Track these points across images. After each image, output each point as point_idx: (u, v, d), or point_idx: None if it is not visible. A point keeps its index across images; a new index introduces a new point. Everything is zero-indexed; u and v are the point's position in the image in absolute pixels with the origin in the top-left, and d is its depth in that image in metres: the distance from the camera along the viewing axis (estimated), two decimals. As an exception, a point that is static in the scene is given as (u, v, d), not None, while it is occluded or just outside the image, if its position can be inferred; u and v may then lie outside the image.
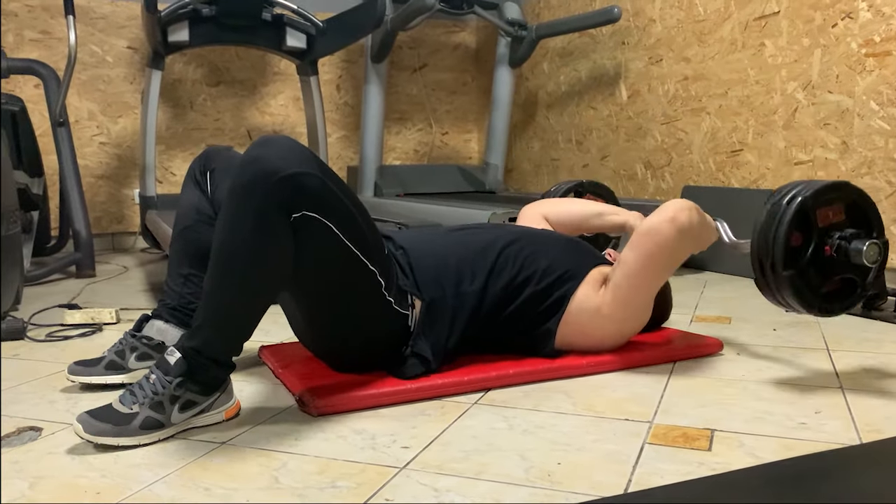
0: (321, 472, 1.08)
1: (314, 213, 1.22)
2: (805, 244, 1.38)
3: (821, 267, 1.39)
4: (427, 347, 1.42)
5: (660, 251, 1.46)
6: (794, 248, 1.37)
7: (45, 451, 1.17)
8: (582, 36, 3.79)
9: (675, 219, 1.45)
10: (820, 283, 1.40)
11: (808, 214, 1.37)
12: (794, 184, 1.42)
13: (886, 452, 1.15)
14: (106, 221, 3.83)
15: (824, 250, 1.39)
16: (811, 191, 1.37)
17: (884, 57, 2.35)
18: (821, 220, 1.38)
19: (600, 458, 1.11)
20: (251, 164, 1.21)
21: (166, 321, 1.52)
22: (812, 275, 1.39)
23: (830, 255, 1.38)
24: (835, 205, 1.39)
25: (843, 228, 1.40)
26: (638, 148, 3.47)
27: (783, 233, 1.35)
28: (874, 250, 1.36)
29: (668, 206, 1.48)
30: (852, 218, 1.41)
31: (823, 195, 1.38)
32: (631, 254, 1.48)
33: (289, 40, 3.33)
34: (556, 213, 1.85)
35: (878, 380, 1.48)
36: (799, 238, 1.37)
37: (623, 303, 1.51)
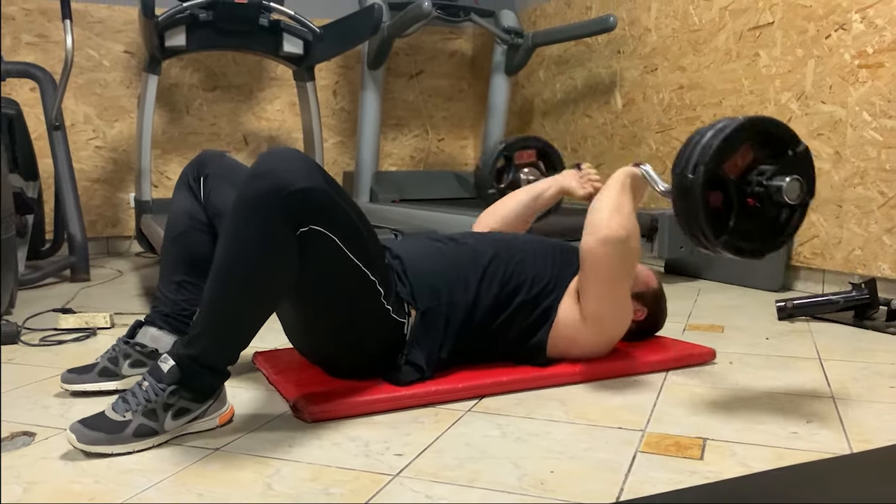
0: (315, 479, 1.08)
1: (320, 227, 1.23)
2: (726, 204, 1.30)
3: (751, 218, 1.31)
4: (421, 356, 1.43)
5: (606, 269, 1.47)
6: (717, 211, 1.29)
7: (39, 456, 1.17)
8: (578, 44, 3.81)
9: (606, 239, 1.44)
10: (756, 231, 1.32)
11: (717, 176, 1.28)
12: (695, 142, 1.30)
13: (877, 462, 1.15)
14: (101, 225, 3.82)
15: (747, 203, 1.31)
16: (711, 152, 1.26)
17: (876, 68, 2.37)
18: (731, 172, 1.29)
19: (593, 467, 1.12)
20: (259, 177, 1.21)
21: (160, 328, 1.52)
22: (745, 229, 1.31)
23: (755, 206, 1.31)
24: (738, 150, 1.29)
25: (757, 166, 1.30)
26: (633, 156, 3.48)
27: (700, 207, 1.27)
28: (794, 186, 1.28)
29: (596, 225, 1.46)
30: (761, 149, 1.31)
31: (726, 150, 1.27)
32: (584, 279, 1.50)
33: (286, 46, 3.33)
34: (499, 220, 1.84)
35: (869, 390, 1.49)
36: (718, 197, 1.30)
37: (597, 318, 1.51)
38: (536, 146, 2.27)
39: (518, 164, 2.30)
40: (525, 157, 2.30)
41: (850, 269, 2.47)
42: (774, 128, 1.33)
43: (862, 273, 2.41)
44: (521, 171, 2.29)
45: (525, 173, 2.28)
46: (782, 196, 1.27)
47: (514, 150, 2.24)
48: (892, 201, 2.33)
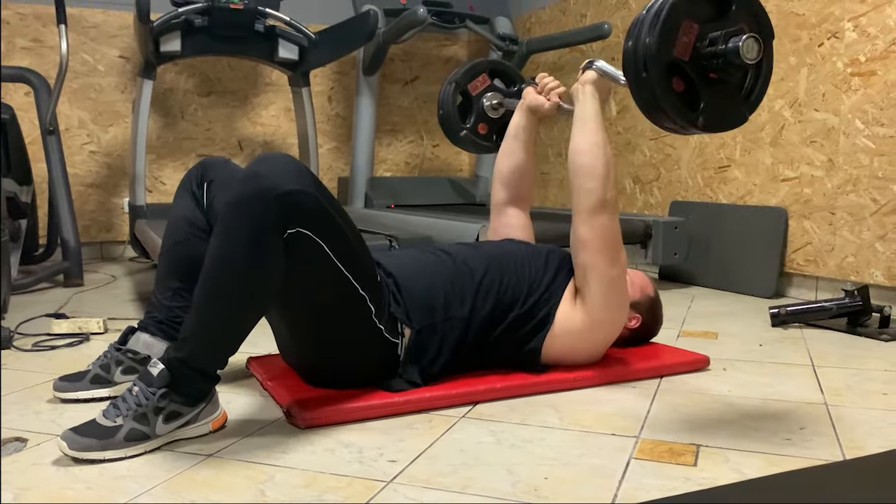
0: (308, 486, 1.08)
1: (307, 231, 1.23)
2: (690, 86, 1.23)
3: (719, 92, 1.25)
4: (416, 373, 1.43)
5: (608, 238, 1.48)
6: (683, 97, 1.23)
7: (31, 462, 1.17)
8: (572, 51, 3.82)
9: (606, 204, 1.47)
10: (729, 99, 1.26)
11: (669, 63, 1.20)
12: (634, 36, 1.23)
13: (869, 469, 1.16)
14: (94, 230, 3.81)
15: (710, 78, 1.24)
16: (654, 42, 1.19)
17: (869, 76, 2.38)
18: (683, 54, 1.21)
19: (587, 473, 1.12)
20: (249, 180, 1.22)
21: (153, 335, 1.51)
22: (718, 103, 1.25)
23: (719, 77, 1.24)
24: (681, 28, 1.21)
25: (707, 34, 1.22)
26: (627, 163, 3.49)
27: (667, 102, 1.20)
28: (750, 44, 1.20)
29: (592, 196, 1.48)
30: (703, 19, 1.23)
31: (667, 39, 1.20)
32: (582, 254, 1.49)
33: (281, 52, 3.33)
34: (508, 183, 1.84)
35: (861, 396, 1.49)
36: (680, 83, 1.23)
37: (601, 307, 1.50)
38: (485, 68, 2.19)
39: (475, 94, 2.21)
40: (480, 84, 2.21)
41: (843, 276, 2.48)
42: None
43: (855, 280, 2.42)
44: (483, 99, 2.19)
45: (488, 98, 2.18)
46: (741, 58, 1.20)
47: (465, 83, 2.15)
48: (885, 209, 2.34)
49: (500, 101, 2.17)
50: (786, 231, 2.67)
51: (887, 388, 1.55)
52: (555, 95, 1.75)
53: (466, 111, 2.19)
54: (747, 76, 1.28)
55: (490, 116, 2.18)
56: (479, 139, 2.19)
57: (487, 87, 2.17)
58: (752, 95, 1.29)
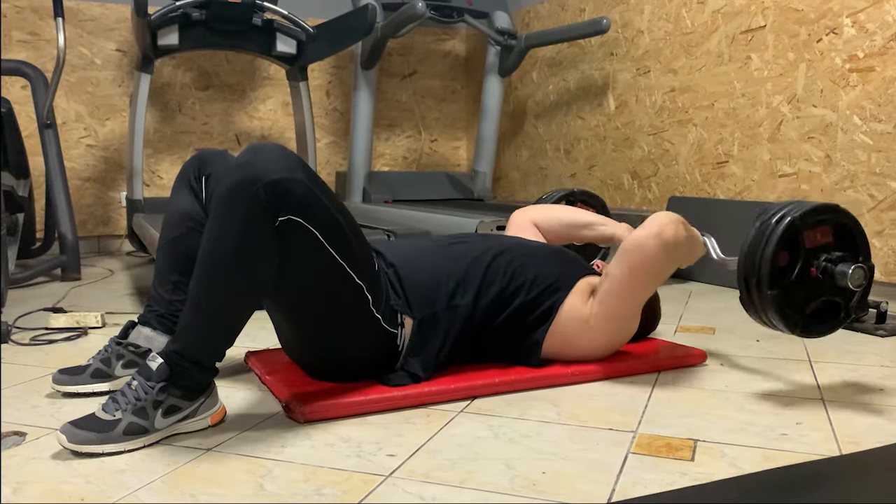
0: (307, 480, 1.08)
1: (298, 218, 1.22)
2: (791, 264, 1.38)
3: (806, 288, 1.39)
4: (418, 365, 1.43)
5: (644, 266, 1.47)
6: (780, 267, 1.37)
7: (29, 456, 1.17)
8: (571, 46, 3.82)
9: (660, 234, 1.45)
10: (804, 304, 1.40)
11: (796, 235, 1.37)
12: (785, 203, 1.42)
13: (865, 464, 1.16)
14: (92, 224, 3.81)
15: (810, 271, 1.38)
16: (800, 211, 1.37)
17: (867, 72, 2.38)
18: (808, 241, 1.38)
19: (584, 468, 1.12)
20: (238, 169, 1.22)
21: (154, 328, 1.51)
22: (797, 295, 1.39)
23: (816, 277, 1.38)
24: (823, 226, 1.39)
25: (831, 251, 1.40)
26: (625, 158, 3.49)
27: (770, 252, 1.35)
28: (859, 274, 1.36)
29: (655, 221, 1.48)
30: (840, 241, 1.41)
31: (812, 216, 1.38)
32: (617, 268, 1.49)
33: (279, 45, 3.33)
34: (546, 220, 1.85)
35: (858, 392, 1.50)
36: (786, 258, 1.37)
37: (610, 316, 1.52)
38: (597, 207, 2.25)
39: None
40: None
41: (840, 272, 2.48)
42: (858, 231, 1.42)
43: (852, 276, 2.42)
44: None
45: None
46: (846, 280, 1.36)
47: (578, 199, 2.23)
48: (882, 205, 2.35)
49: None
50: (783, 227, 2.67)
51: (884, 383, 1.56)
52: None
53: None
54: (832, 302, 1.41)
55: None
56: None
57: None
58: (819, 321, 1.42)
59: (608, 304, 1.50)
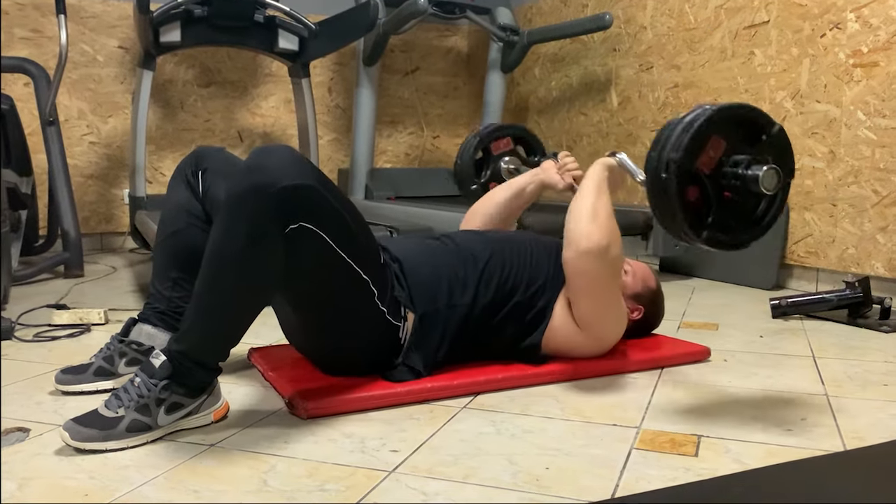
0: (310, 475, 1.08)
1: (309, 225, 1.22)
2: (704, 198, 1.26)
3: (730, 211, 1.28)
4: (419, 360, 1.43)
5: (590, 280, 1.46)
6: (694, 206, 1.26)
7: (33, 452, 1.17)
8: (573, 42, 3.81)
9: (587, 252, 1.42)
10: (737, 226, 1.29)
11: (689, 172, 1.24)
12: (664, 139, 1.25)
13: (870, 459, 1.16)
14: (95, 221, 3.81)
15: (724, 196, 1.27)
16: (682, 150, 1.22)
17: (871, 67, 2.38)
18: (705, 167, 1.25)
19: (588, 463, 1.12)
20: (250, 173, 1.21)
21: (155, 325, 1.51)
22: (726, 223, 1.28)
23: (732, 198, 1.27)
24: (710, 142, 1.24)
25: (731, 155, 1.26)
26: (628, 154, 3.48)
27: (678, 206, 1.23)
28: (770, 175, 1.24)
29: (575, 237, 1.44)
30: (734, 137, 1.26)
31: (696, 144, 1.23)
32: (571, 290, 1.49)
33: (281, 42, 3.32)
34: (481, 222, 1.82)
35: (862, 387, 1.50)
36: (695, 192, 1.26)
37: (591, 326, 1.51)
38: (512, 133, 2.19)
39: (496, 153, 2.22)
40: (502, 145, 2.22)
41: (843, 268, 2.48)
42: (746, 113, 1.28)
43: (856, 272, 2.42)
44: (502, 161, 2.20)
45: (506, 162, 2.19)
46: (759, 187, 1.23)
47: (489, 140, 2.16)
48: (886, 200, 2.34)
49: (517, 166, 2.22)
50: (787, 223, 2.67)
51: (888, 378, 1.55)
52: (569, 176, 1.72)
53: (482, 166, 2.22)
54: (759, 205, 1.30)
55: (504, 178, 2.20)
56: None
57: (509, 150, 2.21)
58: (760, 223, 1.31)
59: (584, 316, 1.49)
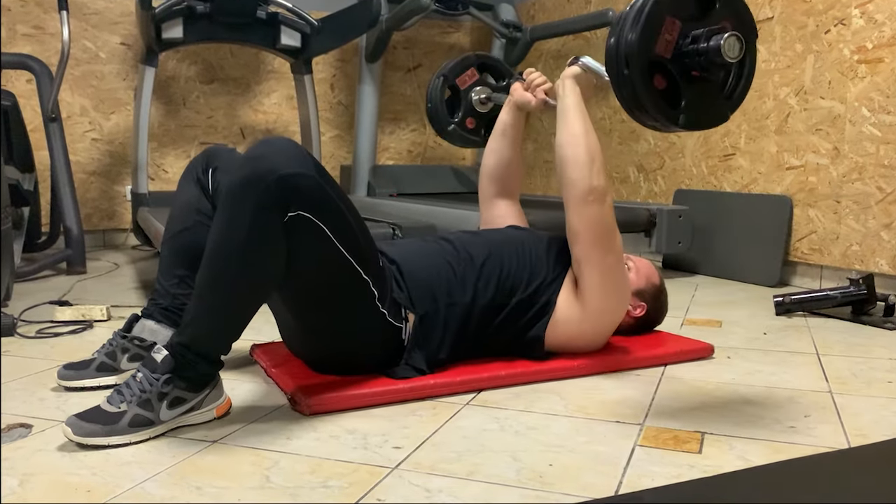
0: (313, 472, 1.08)
1: (308, 214, 1.22)
2: (672, 83, 1.23)
3: (702, 90, 1.24)
4: (422, 359, 1.43)
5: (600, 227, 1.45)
6: (665, 94, 1.22)
7: (36, 448, 1.17)
8: (576, 38, 3.80)
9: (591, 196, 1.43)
10: (711, 96, 1.26)
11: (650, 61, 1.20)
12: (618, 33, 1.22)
13: (874, 457, 1.16)
14: (97, 218, 3.81)
15: (692, 76, 1.23)
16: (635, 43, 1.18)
17: (876, 64, 2.37)
18: (665, 52, 1.21)
19: (591, 460, 1.12)
20: (248, 163, 1.21)
21: (158, 321, 1.51)
22: (701, 102, 1.25)
23: (701, 76, 1.23)
24: (663, 26, 1.20)
25: (690, 32, 1.21)
26: (631, 151, 3.48)
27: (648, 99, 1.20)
28: (732, 43, 1.20)
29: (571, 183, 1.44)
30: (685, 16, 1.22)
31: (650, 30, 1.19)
32: (580, 250, 1.48)
33: (283, 39, 3.32)
34: (495, 179, 1.81)
35: (866, 385, 1.49)
36: (661, 81, 1.22)
37: (598, 297, 1.49)
38: (473, 63, 2.16)
39: (464, 88, 2.18)
40: (468, 78, 2.18)
41: (847, 265, 2.47)
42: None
43: (859, 269, 2.41)
44: (472, 93, 2.15)
45: (476, 93, 2.16)
46: (723, 57, 1.19)
47: (453, 77, 2.14)
48: (891, 197, 2.33)
49: (488, 95, 2.16)
50: (790, 219, 2.66)
51: (892, 376, 1.55)
52: (541, 92, 1.71)
53: (455, 105, 2.18)
54: (730, 75, 1.27)
55: (478, 111, 2.17)
56: (467, 133, 2.19)
57: (476, 81, 2.17)
58: (734, 94, 1.29)
59: (592, 285, 1.48)
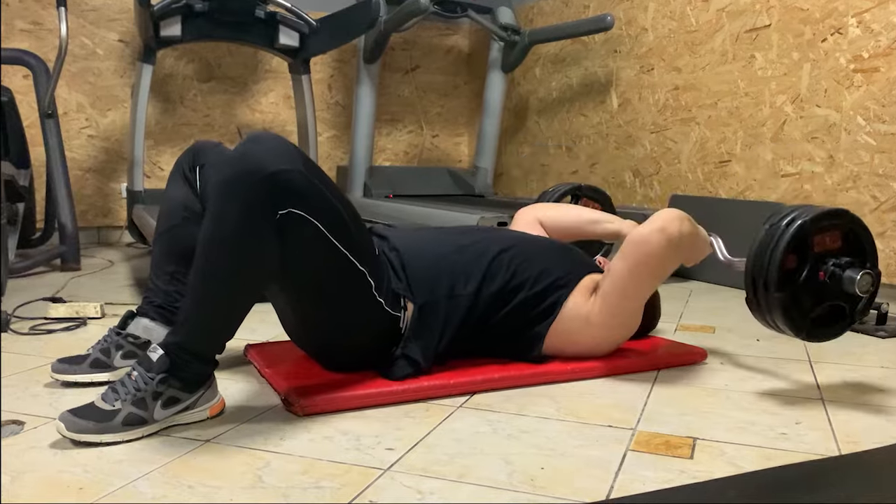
0: (305, 472, 1.08)
1: (300, 211, 1.22)
2: (799, 268, 1.38)
3: (813, 292, 1.39)
4: (418, 350, 1.42)
5: (648, 261, 1.47)
6: (788, 270, 1.37)
7: (28, 445, 1.17)
8: (574, 43, 3.81)
9: (664, 229, 1.45)
10: (810, 308, 1.40)
11: (805, 238, 1.37)
12: (795, 207, 1.42)
13: (864, 464, 1.16)
14: (92, 215, 3.80)
15: (818, 275, 1.39)
16: (810, 215, 1.37)
17: (871, 73, 2.38)
18: (817, 245, 1.38)
19: (583, 464, 1.12)
20: (238, 160, 1.21)
21: (152, 319, 1.51)
22: (803, 299, 1.39)
23: (823, 281, 1.39)
24: (832, 231, 1.39)
25: (839, 256, 1.40)
26: (627, 156, 3.49)
27: (779, 255, 1.35)
28: (867, 280, 1.37)
29: (659, 216, 1.47)
30: (848, 246, 1.41)
31: (822, 221, 1.38)
32: (620, 263, 1.49)
33: (281, 38, 3.32)
34: (551, 219, 1.84)
35: (858, 392, 1.50)
36: (794, 261, 1.37)
37: (612, 312, 1.51)
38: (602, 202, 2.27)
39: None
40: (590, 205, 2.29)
41: (840, 273, 2.48)
42: (867, 238, 1.42)
43: (852, 276, 2.42)
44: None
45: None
46: (853, 286, 1.36)
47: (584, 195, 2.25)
48: (885, 206, 2.35)
49: None
50: (784, 226, 2.67)
51: (883, 383, 1.56)
52: None
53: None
54: (838, 303, 1.41)
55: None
56: None
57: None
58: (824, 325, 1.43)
59: (610, 299, 1.50)
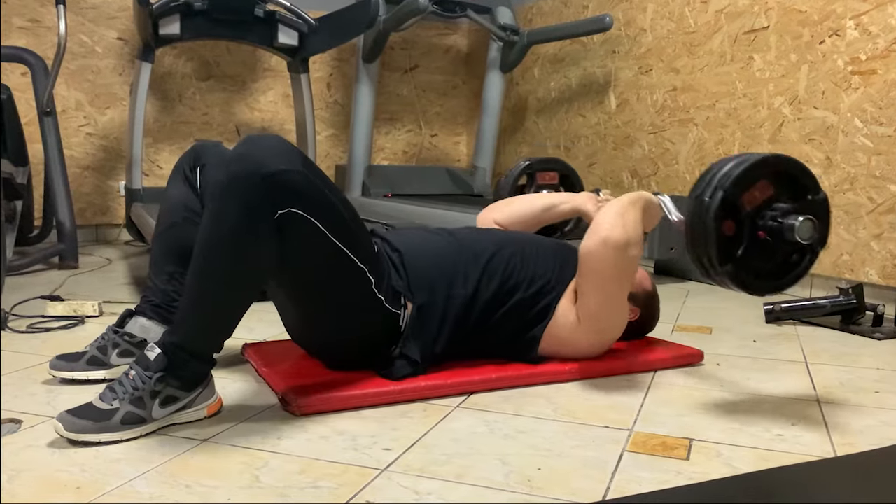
0: (302, 472, 1.08)
1: (299, 210, 1.22)
2: (738, 232, 1.30)
3: (759, 253, 1.31)
4: (416, 349, 1.43)
5: (604, 271, 1.46)
6: (728, 238, 1.29)
7: (25, 444, 1.17)
8: (573, 43, 3.81)
9: (607, 240, 1.43)
10: (762, 267, 1.33)
11: (733, 204, 1.28)
12: (715, 169, 1.31)
13: (860, 465, 1.17)
14: (90, 213, 3.80)
15: (758, 235, 1.31)
16: (730, 180, 1.28)
17: (869, 75, 2.38)
18: (748, 203, 1.29)
19: (580, 465, 1.12)
20: (237, 160, 1.22)
21: (150, 318, 1.51)
22: (752, 263, 1.31)
23: (765, 239, 1.31)
24: (760, 182, 1.30)
25: (774, 203, 1.31)
26: (625, 156, 3.49)
27: (712, 230, 1.27)
28: (807, 226, 1.28)
29: (601, 224, 1.46)
30: (781, 188, 1.32)
31: (745, 180, 1.28)
32: (580, 279, 1.50)
33: (281, 37, 3.32)
34: (507, 217, 1.84)
35: (853, 394, 1.50)
36: (731, 227, 1.29)
37: (595, 317, 1.51)
38: (559, 170, 2.32)
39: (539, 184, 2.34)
40: (547, 178, 2.35)
41: (837, 274, 2.49)
42: (797, 170, 1.34)
43: (849, 278, 2.43)
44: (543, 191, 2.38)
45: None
46: (794, 234, 1.28)
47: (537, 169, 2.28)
48: (881, 207, 2.35)
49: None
50: (782, 228, 2.67)
51: (879, 385, 1.56)
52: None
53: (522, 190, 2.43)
54: (789, 255, 1.34)
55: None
56: None
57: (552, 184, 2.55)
58: (783, 278, 1.35)
59: (588, 310, 1.50)
